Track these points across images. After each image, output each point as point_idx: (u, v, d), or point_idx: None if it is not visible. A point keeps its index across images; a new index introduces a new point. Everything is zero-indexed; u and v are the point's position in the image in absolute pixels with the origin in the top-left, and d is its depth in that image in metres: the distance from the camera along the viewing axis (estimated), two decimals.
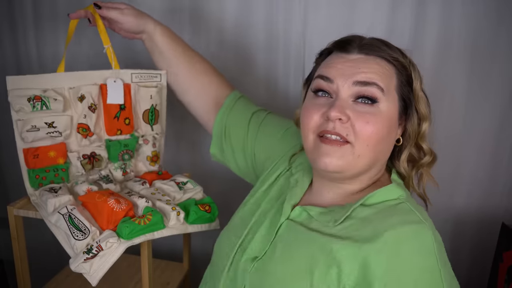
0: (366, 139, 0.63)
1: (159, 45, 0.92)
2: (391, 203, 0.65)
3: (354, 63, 0.65)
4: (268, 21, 1.12)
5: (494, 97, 1.08)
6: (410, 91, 0.68)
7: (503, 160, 1.12)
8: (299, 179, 0.76)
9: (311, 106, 0.67)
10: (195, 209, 0.84)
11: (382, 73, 0.65)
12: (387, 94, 0.64)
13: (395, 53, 0.67)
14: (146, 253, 0.79)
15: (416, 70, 0.68)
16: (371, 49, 0.66)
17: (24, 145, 0.84)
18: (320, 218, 0.66)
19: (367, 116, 0.63)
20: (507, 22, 1.02)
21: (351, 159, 0.64)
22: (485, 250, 1.14)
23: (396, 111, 0.66)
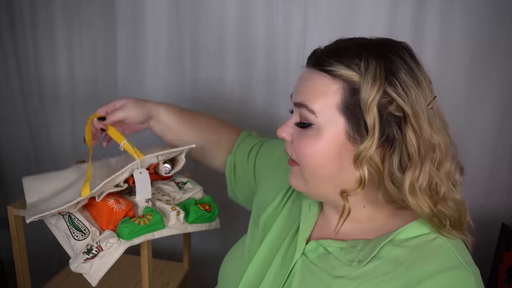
0: (307, 163, 0.59)
1: (168, 124, 0.88)
2: (425, 239, 0.56)
3: (301, 80, 0.61)
4: (268, 21, 1.12)
5: (494, 97, 1.08)
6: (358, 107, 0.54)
7: (503, 160, 1.12)
8: (312, 204, 0.69)
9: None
10: (195, 208, 0.84)
11: (317, 92, 0.56)
12: (324, 115, 0.56)
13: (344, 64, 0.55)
14: (146, 253, 0.79)
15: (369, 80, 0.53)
16: (318, 61, 0.58)
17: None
18: (340, 256, 0.59)
19: (303, 140, 0.59)
20: (507, 21, 1.02)
21: (311, 181, 0.61)
22: (485, 250, 1.14)
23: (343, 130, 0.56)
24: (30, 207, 0.77)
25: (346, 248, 0.59)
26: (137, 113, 0.84)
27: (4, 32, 1.30)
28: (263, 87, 1.18)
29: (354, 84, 0.55)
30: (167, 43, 1.20)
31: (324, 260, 0.60)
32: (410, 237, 0.56)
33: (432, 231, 0.56)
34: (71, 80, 1.30)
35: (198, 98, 1.22)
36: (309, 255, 0.62)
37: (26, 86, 1.34)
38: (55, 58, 1.29)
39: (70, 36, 1.26)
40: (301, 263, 0.62)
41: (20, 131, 1.39)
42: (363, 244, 0.58)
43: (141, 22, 1.19)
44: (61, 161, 1.36)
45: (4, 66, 1.34)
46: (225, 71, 1.19)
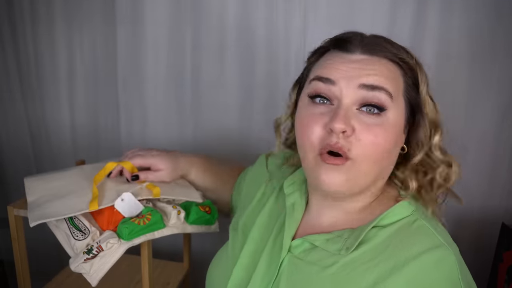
0: (372, 154, 0.56)
1: (194, 182, 0.91)
2: (406, 221, 0.59)
3: (358, 64, 0.57)
4: (268, 21, 1.12)
5: (494, 97, 1.08)
6: (417, 95, 0.60)
7: (503, 161, 1.12)
8: (296, 203, 0.69)
9: (310, 116, 0.59)
10: (195, 209, 0.84)
11: (390, 76, 0.57)
12: (395, 100, 0.57)
13: (401, 52, 0.60)
14: (146, 253, 0.79)
15: (423, 71, 0.61)
16: (376, 48, 0.58)
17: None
18: (327, 247, 0.60)
19: (375, 129, 0.56)
20: (507, 22, 1.02)
21: (356, 177, 0.58)
22: (485, 250, 1.14)
23: (403, 118, 0.60)
24: (32, 207, 0.77)
25: (332, 239, 0.60)
26: (169, 178, 0.87)
27: (5, 33, 1.30)
28: (263, 87, 1.18)
29: (414, 73, 0.60)
30: (167, 43, 1.20)
31: (310, 253, 0.61)
32: (393, 221, 0.59)
33: (412, 214, 0.60)
34: (71, 81, 1.30)
35: (198, 98, 1.22)
36: (295, 251, 0.63)
37: (26, 86, 1.34)
38: (55, 58, 1.29)
39: (70, 36, 1.26)
40: (287, 261, 0.62)
41: (20, 131, 1.39)
42: (348, 232, 0.60)
43: (141, 22, 1.19)
44: (61, 161, 1.37)
45: (4, 66, 1.34)
46: (225, 70, 1.19)
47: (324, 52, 0.64)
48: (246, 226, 0.74)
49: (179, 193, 0.85)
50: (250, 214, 0.76)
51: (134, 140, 1.30)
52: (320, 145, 0.58)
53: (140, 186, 0.82)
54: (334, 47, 0.62)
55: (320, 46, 0.65)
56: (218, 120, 1.23)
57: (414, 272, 0.53)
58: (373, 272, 0.55)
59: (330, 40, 0.64)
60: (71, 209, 0.75)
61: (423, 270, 0.53)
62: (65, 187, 0.81)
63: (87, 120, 1.33)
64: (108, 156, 1.04)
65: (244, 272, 0.67)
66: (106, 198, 0.78)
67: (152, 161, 0.86)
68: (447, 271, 0.54)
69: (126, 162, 0.86)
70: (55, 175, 0.85)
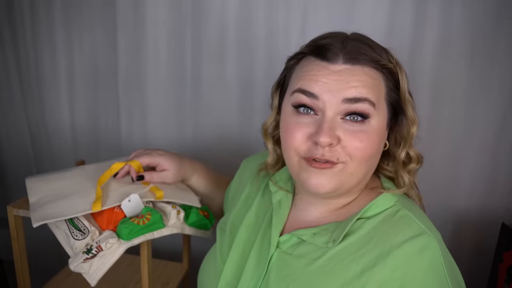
0: (360, 158, 0.59)
1: (194, 187, 0.93)
2: (389, 212, 0.61)
3: (340, 75, 0.58)
4: (268, 21, 1.12)
5: (494, 96, 1.08)
6: (398, 96, 0.63)
7: (503, 160, 1.12)
8: (283, 199, 0.70)
9: (294, 125, 0.60)
10: (195, 211, 0.84)
11: (372, 84, 0.59)
12: (378, 107, 0.59)
13: (382, 57, 0.60)
14: (145, 253, 0.79)
15: (402, 71, 0.63)
16: (358, 57, 0.58)
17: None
18: (315, 241, 0.61)
19: (359, 135, 0.58)
20: (507, 21, 1.02)
21: (344, 177, 0.60)
22: (485, 250, 1.14)
23: (386, 120, 0.62)
24: (34, 207, 0.77)
25: (319, 232, 0.62)
26: (172, 180, 0.88)
27: (5, 34, 1.31)
28: (262, 87, 1.18)
29: (395, 75, 0.62)
30: (167, 43, 1.20)
31: (298, 247, 0.63)
32: (377, 212, 0.61)
33: (395, 204, 0.62)
34: (71, 81, 1.30)
35: (198, 98, 1.22)
36: (283, 247, 0.64)
37: (26, 87, 1.34)
38: (55, 59, 1.29)
39: (70, 36, 1.26)
40: (276, 257, 0.64)
41: (20, 131, 1.39)
42: (334, 225, 0.62)
43: (142, 23, 1.19)
44: (61, 161, 1.37)
45: (4, 66, 1.34)
46: (225, 70, 1.19)
47: (303, 57, 0.64)
48: (233, 225, 0.75)
49: (180, 197, 0.86)
50: (237, 214, 0.77)
51: (134, 140, 1.30)
52: (305, 154, 0.60)
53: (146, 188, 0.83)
54: (314, 54, 0.61)
55: (300, 51, 0.65)
56: (218, 120, 1.23)
57: (399, 260, 0.55)
58: (359, 262, 0.57)
59: (309, 46, 0.63)
60: (74, 210, 0.75)
61: (407, 258, 0.55)
62: (67, 187, 0.81)
63: (87, 120, 1.33)
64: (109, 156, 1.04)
65: (234, 270, 0.68)
66: (109, 199, 0.78)
67: (159, 160, 0.87)
68: (429, 258, 0.56)
69: (134, 161, 0.86)
70: (56, 175, 0.85)
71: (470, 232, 1.17)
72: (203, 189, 0.94)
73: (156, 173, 0.87)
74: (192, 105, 1.23)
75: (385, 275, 0.54)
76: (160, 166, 0.87)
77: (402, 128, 0.64)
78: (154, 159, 0.87)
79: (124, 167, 0.85)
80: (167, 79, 1.23)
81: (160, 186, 0.85)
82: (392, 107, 0.63)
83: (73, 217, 0.74)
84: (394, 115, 0.64)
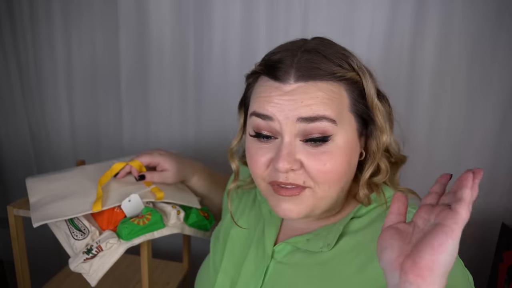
0: (326, 181, 0.56)
1: (194, 188, 0.93)
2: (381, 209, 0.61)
3: (293, 95, 0.54)
4: (268, 21, 1.12)
5: (494, 97, 1.08)
6: (365, 104, 0.58)
7: (503, 160, 1.12)
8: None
9: (255, 151, 0.58)
10: (195, 211, 0.84)
11: (330, 99, 0.54)
12: (341, 122, 0.55)
13: (342, 67, 0.56)
14: (146, 253, 0.79)
15: (366, 76, 0.57)
16: (310, 73, 0.54)
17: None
18: (309, 247, 0.60)
19: (322, 157, 0.54)
20: (507, 22, 1.02)
21: (313, 202, 0.57)
22: (485, 250, 1.14)
23: (355, 132, 0.58)
24: (34, 207, 0.76)
25: (313, 238, 0.61)
26: (173, 180, 0.88)
27: (5, 32, 1.30)
28: None
29: (358, 84, 0.57)
30: (171, 43, 1.20)
31: (294, 256, 0.62)
32: (369, 210, 0.61)
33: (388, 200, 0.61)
34: (71, 81, 1.30)
35: (200, 98, 1.22)
36: (278, 256, 0.63)
37: (26, 86, 1.34)
38: (56, 58, 1.29)
39: (70, 36, 1.26)
40: (272, 268, 0.63)
41: (21, 131, 1.39)
42: (327, 229, 0.61)
43: (145, 22, 1.19)
44: (61, 161, 1.37)
45: (5, 66, 1.34)
46: (226, 70, 1.19)
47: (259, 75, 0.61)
48: (225, 236, 0.75)
49: (180, 198, 0.86)
50: (228, 225, 0.76)
51: (136, 140, 1.30)
52: (270, 179, 0.58)
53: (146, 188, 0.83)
54: (266, 74, 0.58)
55: (254, 70, 0.62)
56: (220, 120, 1.23)
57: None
58: (359, 258, 0.56)
59: (262, 64, 0.60)
60: (75, 210, 0.75)
61: None
62: (67, 187, 0.81)
63: (88, 120, 1.33)
64: (109, 156, 1.04)
65: (227, 280, 0.68)
66: (110, 199, 0.78)
67: (159, 160, 0.87)
68: None
69: (134, 161, 0.86)
70: (56, 175, 0.85)
71: (470, 232, 1.17)
72: (203, 190, 0.94)
73: (156, 173, 0.87)
74: (195, 105, 1.23)
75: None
76: (160, 166, 0.87)
77: (372, 140, 0.60)
78: (154, 158, 0.87)
79: (125, 167, 0.85)
80: (170, 79, 1.23)
81: (160, 187, 0.85)
82: (361, 118, 0.59)
83: (73, 217, 0.74)
84: (364, 125, 0.60)
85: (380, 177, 0.61)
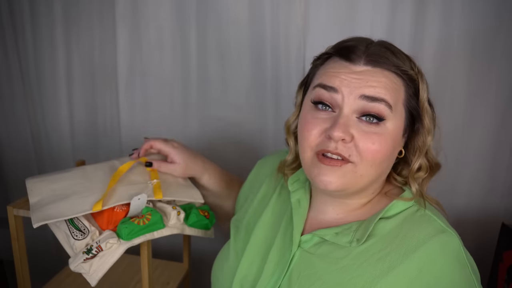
0: (370, 160, 0.59)
1: (205, 187, 0.93)
2: (409, 212, 0.63)
3: (361, 75, 0.60)
4: (268, 20, 1.12)
5: (494, 97, 1.08)
6: (417, 104, 0.63)
7: (503, 160, 1.12)
8: (302, 199, 0.71)
9: (311, 119, 0.62)
10: (195, 211, 0.84)
11: (391, 88, 0.60)
12: (395, 111, 0.60)
13: (404, 64, 0.62)
14: (146, 253, 0.79)
15: (424, 80, 0.64)
16: (379, 60, 0.60)
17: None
18: (337, 240, 0.62)
19: (373, 136, 0.59)
20: (507, 22, 1.02)
21: (353, 178, 0.60)
22: (485, 250, 1.14)
23: (402, 126, 0.62)
24: (35, 208, 0.76)
25: (342, 232, 0.63)
26: (180, 174, 0.88)
27: (6, 33, 1.30)
28: (263, 87, 1.18)
29: (415, 83, 0.63)
30: (171, 41, 1.19)
31: (321, 247, 0.63)
32: (397, 212, 0.63)
33: (413, 205, 0.64)
34: (71, 81, 1.30)
35: (201, 98, 1.22)
36: (305, 246, 0.65)
37: (27, 86, 1.34)
38: (55, 58, 1.29)
39: (70, 36, 1.26)
40: (298, 256, 0.64)
41: (21, 131, 1.39)
42: (357, 224, 0.63)
43: (143, 21, 1.19)
44: (61, 161, 1.37)
45: (6, 66, 1.34)
46: (225, 70, 1.19)
47: (328, 57, 0.66)
48: (249, 224, 0.76)
49: (181, 195, 0.86)
50: (253, 213, 0.78)
51: (134, 139, 1.30)
52: (317, 148, 0.61)
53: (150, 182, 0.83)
54: (338, 55, 0.63)
55: (326, 52, 0.67)
56: (220, 118, 1.23)
57: (426, 257, 0.56)
58: (385, 260, 0.58)
59: (335, 47, 0.65)
60: (74, 210, 0.75)
61: (434, 255, 0.57)
62: (67, 188, 0.81)
63: (87, 119, 1.33)
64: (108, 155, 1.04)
65: (250, 267, 0.69)
66: (110, 198, 0.78)
67: (171, 151, 0.87)
68: (455, 254, 0.58)
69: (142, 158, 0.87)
70: (56, 176, 0.84)
71: (470, 232, 1.17)
72: (215, 189, 0.94)
73: (164, 164, 0.87)
74: (194, 103, 1.23)
75: (413, 272, 0.56)
76: (170, 157, 0.88)
77: (419, 137, 0.65)
78: (166, 148, 0.87)
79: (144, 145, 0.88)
80: (169, 77, 1.23)
81: (163, 183, 0.85)
82: (410, 114, 0.63)
83: (73, 217, 0.74)
84: (412, 123, 0.64)
85: (421, 173, 0.65)
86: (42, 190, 0.80)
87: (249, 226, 0.76)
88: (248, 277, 0.68)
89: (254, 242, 0.72)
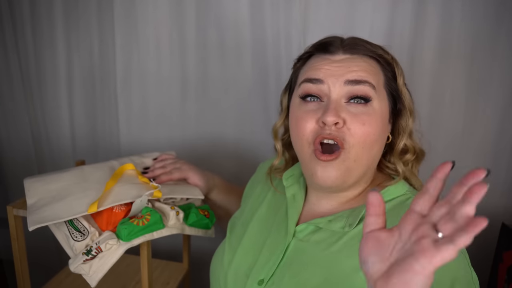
0: (362, 141, 0.62)
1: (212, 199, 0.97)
2: (400, 200, 0.65)
3: (342, 63, 0.64)
4: (268, 20, 1.12)
5: (494, 97, 1.08)
6: (396, 86, 0.68)
7: (503, 160, 1.12)
8: (296, 194, 0.74)
9: (302, 114, 0.65)
10: (195, 211, 0.84)
11: (371, 71, 0.64)
12: (378, 92, 0.64)
13: (378, 49, 0.67)
14: (145, 253, 0.79)
15: (398, 65, 0.69)
16: (356, 47, 0.65)
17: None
18: (331, 227, 0.64)
19: (363, 117, 0.62)
20: (507, 22, 1.02)
21: (349, 168, 0.63)
22: (485, 250, 1.13)
23: (387, 108, 0.66)
24: (31, 210, 0.76)
25: (335, 219, 0.65)
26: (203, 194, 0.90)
27: (6, 34, 1.30)
28: (263, 86, 1.18)
29: (391, 67, 0.67)
30: (169, 42, 1.19)
31: (315, 234, 0.65)
32: (390, 199, 0.65)
33: (405, 193, 0.66)
34: (71, 81, 1.30)
35: (201, 98, 1.22)
36: (299, 235, 0.67)
37: (27, 86, 1.34)
38: (55, 59, 1.28)
39: (69, 36, 1.26)
40: (293, 245, 0.66)
41: (22, 131, 1.39)
42: (348, 212, 0.65)
43: (141, 23, 1.19)
44: (62, 161, 1.37)
45: (6, 67, 1.34)
46: (225, 70, 1.18)
47: (308, 58, 0.70)
48: (245, 219, 0.79)
49: (180, 192, 0.86)
50: (249, 210, 0.80)
51: (133, 140, 1.30)
52: (313, 137, 0.64)
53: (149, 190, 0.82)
54: (317, 51, 0.68)
55: (304, 52, 0.71)
56: (219, 121, 1.23)
57: None
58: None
59: (313, 46, 0.70)
60: (70, 212, 0.75)
61: None
62: (64, 189, 0.81)
63: (88, 120, 1.33)
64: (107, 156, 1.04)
65: (245, 258, 0.71)
66: (106, 199, 0.78)
67: (190, 175, 0.91)
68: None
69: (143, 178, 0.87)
70: (54, 176, 0.84)
71: None
72: (222, 202, 0.97)
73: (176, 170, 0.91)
74: (193, 104, 1.23)
75: None
76: (191, 179, 0.91)
77: (402, 118, 0.69)
78: (184, 173, 0.91)
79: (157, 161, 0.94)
80: (168, 77, 1.23)
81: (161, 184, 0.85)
82: (392, 96, 0.67)
83: (68, 219, 0.74)
84: (394, 104, 0.68)
85: (408, 155, 0.69)
86: (39, 191, 0.80)
87: (245, 221, 0.79)
88: (242, 267, 0.70)
89: (250, 235, 0.74)
